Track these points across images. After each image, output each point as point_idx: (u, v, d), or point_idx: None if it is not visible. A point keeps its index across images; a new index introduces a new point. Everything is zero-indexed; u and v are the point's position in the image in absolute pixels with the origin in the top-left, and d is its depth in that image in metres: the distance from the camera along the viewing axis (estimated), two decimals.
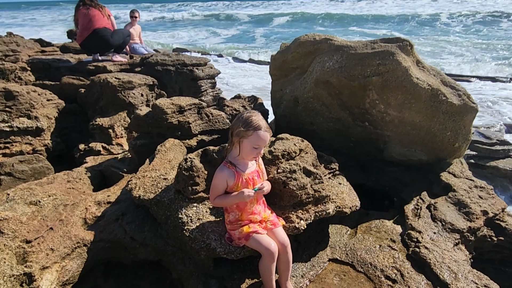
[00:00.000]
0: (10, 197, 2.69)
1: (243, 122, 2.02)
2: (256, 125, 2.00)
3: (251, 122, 2.00)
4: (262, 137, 2.02)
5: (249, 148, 2.04)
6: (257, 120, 2.02)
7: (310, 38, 3.40)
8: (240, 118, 2.05)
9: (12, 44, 7.53)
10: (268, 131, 2.05)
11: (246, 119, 2.02)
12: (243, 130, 2.00)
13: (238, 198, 2.06)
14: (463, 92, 3.04)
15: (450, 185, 3.03)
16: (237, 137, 2.04)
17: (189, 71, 5.63)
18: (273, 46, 19.20)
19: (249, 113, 2.05)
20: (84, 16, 5.58)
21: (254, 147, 2.03)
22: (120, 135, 4.37)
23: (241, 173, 2.10)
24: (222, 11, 37.21)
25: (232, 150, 2.12)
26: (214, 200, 2.12)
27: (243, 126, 2.01)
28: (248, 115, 2.04)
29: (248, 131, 2.00)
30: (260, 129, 2.00)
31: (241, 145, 2.06)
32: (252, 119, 2.01)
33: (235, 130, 2.04)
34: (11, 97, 4.16)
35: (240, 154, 2.09)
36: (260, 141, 2.03)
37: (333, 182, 2.72)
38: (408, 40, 3.02)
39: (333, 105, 3.30)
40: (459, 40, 18.23)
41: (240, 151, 2.08)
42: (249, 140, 2.02)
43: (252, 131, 2.00)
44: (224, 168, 2.10)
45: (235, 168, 2.10)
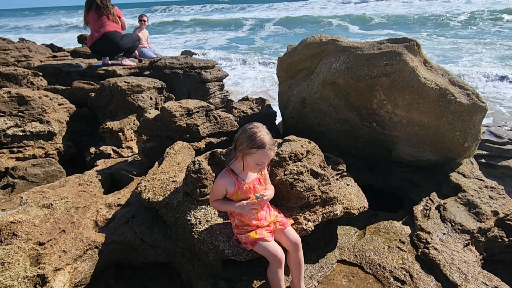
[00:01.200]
0: (24, 200, 2.75)
1: (247, 139, 1.97)
2: (260, 143, 1.96)
3: (255, 139, 1.96)
4: (265, 155, 1.99)
5: (252, 165, 2.04)
6: (261, 138, 1.97)
7: (316, 40, 3.41)
8: (245, 133, 2.00)
9: (24, 49, 7.70)
10: (272, 148, 2.01)
11: (250, 136, 1.97)
12: (247, 148, 1.98)
13: (237, 209, 2.09)
14: (472, 92, 3.01)
15: (459, 185, 3.01)
16: (241, 153, 2.02)
17: (197, 73, 5.67)
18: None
19: (253, 129, 2.00)
20: (95, 19, 5.67)
21: (258, 163, 2.03)
22: (130, 138, 4.43)
23: (241, 182, 2.10)
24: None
25: (235, 160, 2.12)
26: (213, 203, 2.18)
27: (247, 144, 1.97)
28: (252, 131, 1.99)
29: (251, 149, 1.97)
30: (264, 147, 1.96)
31: (244, 161, 2.04)
32: (257, 137, 1.96)
33: (239, 146, 2.01)
34: (23, 102, 4.25)
35: (244, 168, 2.08)
36: (264, 158, 2.01)
37: (340, 183, 2.72)
38: (415, 40, 3.00)
39: (340, 106, 3.30)
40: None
41: (244, 166, 2.07)
42: (252, 157, 2.00)
43: (256, 149, 1.97)
44: (225, 175, 2.11)
45: (236, 176, 2.10)
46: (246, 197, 2.11)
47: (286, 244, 2.14)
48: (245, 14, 41.67)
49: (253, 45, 21.54)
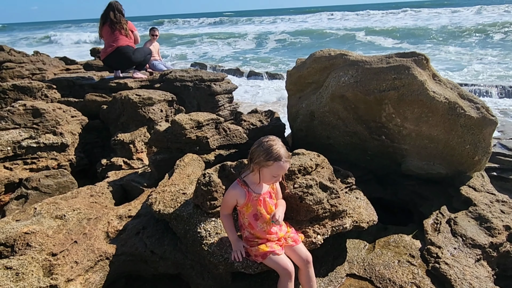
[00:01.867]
0: (37, 211, 2.81)
1: (263, 151, 2.02)
2: (276, 155, 2.01)
3: (271, 152, 2.01)
4: (281, 167, 2.04)
5: (268, 177, 2.09)
6: (277, 150, 2.02)
7: (325, 54, 3.45)
8: (261, 147, 2.05)
9: (38, 62, 7.90)
10: (288, 161, 2.07)
11: (267, 149, 2.02)
12: (264, 160, 2.02)
13: (231, 239, 2.19)
14: (481, 105, 3.01)
15: (470, 199, 2.98)
16: (257, 165, 2.06)
17: (206, 86, 5.76)
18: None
19: (270, 142, 2.05)
20: (108, 34, 5.83)
21: (274, 176, 2.08)
22: (141, 150, 4.49)
23: (252, 194, 2.12)
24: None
25: (249, 172, 2.14)
26: (222, 215, 2.23)
27: (264, 156, 2.02)
28: (269, 144, 2.04)
29: (268, 161, 2.02)
30: (281, 160, 2.02)
31: (260, 173, 2.08)
32: (273, 149, 2.02)
33: (256, 159, 2.05)
34: (38, 114, 4.36)
35: (260, 180, 2.12)
36: (280, 170, 2.06)
37: (350, 197, 2.72)
38: (424, 54, 3.03)
39: (349, 119, 3.32)
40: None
41: (260, 179, 2.10)
42: (269, 169, 2.04)
43: (273, 162, 2.01)
44: (237, 186, 2.14)
45: (248, 188, 2.13)
46: (256, 210, 2.13)
47: (297, 260, 2.15)
48: (252, 27, 42.18)
49: (260, 56, 21.74)
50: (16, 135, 4.14)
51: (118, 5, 5.89)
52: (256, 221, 2.13)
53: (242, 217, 2.18)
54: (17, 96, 5.31)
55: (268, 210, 2.14)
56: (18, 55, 8.46)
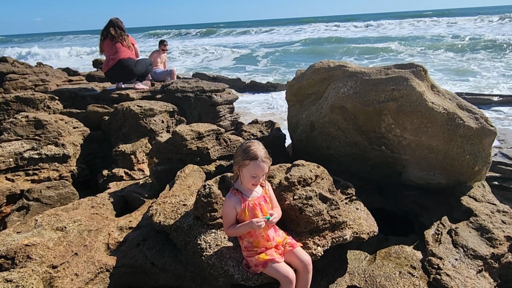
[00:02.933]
0: (38, 223, 2.82)
1: (241, 152, 2.11)
2: (253, 155, 2.07)
3: (248, 152, 2.08)
4: (258, 167, 2.08)
5: (247, 177, 2.12)
6: (254, 150, 2.08)
7: (324, 65, 3.49)
8: (240, 148, 2.15)
9: (41, 74, 7.99)
10: (265, 161, 2.10)
11: (245, 149, 2.10)
12: (241, 160, 2.09)
13: (248, 227, 2.11)
14: (480, 115, 3.02)
15: (471, 209, 2.98)
16: (237, 165, 2.13)
17: (207, 97, 5.80)
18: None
19: (248, 143, 2.14)
20: (110, 47, 5.92)
21: (252, 175, 2.11)
22: (142, 160, 4.51)
23: (246, 199, 2.16)
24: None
25: (237, 178, 2.21)
26: (227, 230, 2.19)
27: (241, 156, 2.09)
28: (247, 145, 2.12)
29: (245, 160, 2.08)
30: (257, 159, 2.06)
31: (240, 174, 2.15)
32: (250, 149, 2.08)
33: (235, 159, 2.14)
34: (40, 126, 4.39)
35: (242, 182, 2.17)
36: (257, 170, 2.09)
37: (350, 208, 2.72)
38: (422, 65, 3.06)
39: (349, 129, 3.34)
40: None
41: (241, 180, 2.16)
42: (247, 169, 2.10)
43: (249, 161, 2.07)
44: (231, 195, 2.17)
45: (241, 194, 2.16)
46: (253, 216, 2.14)
47: (297, 264, 2.15)
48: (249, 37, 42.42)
49: (258, 67, 21.80)
50: (18, 146, 4.16)
51: (118, 22, 6.01)
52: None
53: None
54: (20, 108, 5.36)
55: (264, 214, 2.17)
56: (22, 66, 8.56)
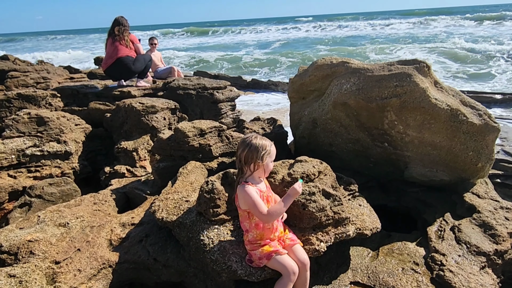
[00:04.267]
0: (41, 219, 2.82)
1: (261, 147, 2.14)
2: (268, 143, 2.19)
3: (264, 144, 2.17)
4: (274, 150, 2.25)
5: (270, 164, 2.24)
6: (265, 140, 2.19)
7: (327, 62, 3.48)
8: (255, 145, 2.14)
9: (43, 71, 7.97)
10: (271, 143, 2.25)
11: (260, 144, 2.15)
12: (265, 153, 2.15)
13: (292, 196, 2.16)
14: (483, 112, 3.01)
15: (474, 206, 2.97)
16: (261, 161, 2.15)
17: (209, 94, 5.79)
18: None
19: (254, 139, 2.17)
20: (110, 45, 5.94)
21: (272, 160, 2.25)
22: (144, 157, 4.51)
23: (262, 190, 2.20)
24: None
25: (246, 174, 2.20)
26: (268, 213, 2.08)
27: (263, 150, 2.14)
28: (257, 141, 2.15)
29: (267, 151, 2.16)
30: (271, 144, 2.22)
31: (265, 166, 2.19)
32: (263, 142, 2.17)
33: (258, 157, 2.14)
34: (42, 123, 4.39)
35: (265, 173, 2.26)
36: (274, 153, 2.25)
37: (353, 204, 2.72)
38: (425, 61, 3.05)
39: (351, 126, 3.33)
40: None
41: (265, 171, 2.23)
42: (270, 157, 2.20)
43: (269, 149, 2.18)
44: (246, 185, 2.15)
45: (255, 185, 2.18)
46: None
47: (295, 262, 2.15)
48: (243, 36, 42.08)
49: (256, 62, 21.56)
50: (20, 143, 4.16)
51: (123, 20, 6.05)
52: None
53: (251, 218, 2.18)
54: (21, 105, 5.36)
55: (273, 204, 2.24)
56: (23, 64, 8.55)
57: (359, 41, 30.05)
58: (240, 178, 2.22)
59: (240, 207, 2.19)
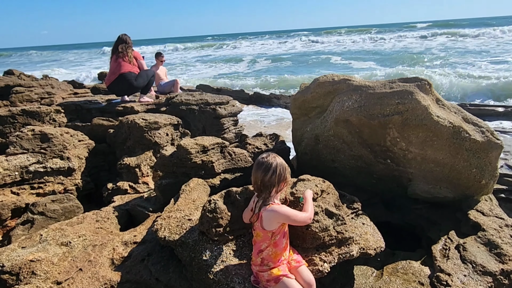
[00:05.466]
0: (43, 238, 2.82)
1: (283, 171, 2.16)
2: (286, 165, 2.21)
3: (286, 168, 2.18)
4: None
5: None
6: (280, 158, 2.21)
7: (329, 79, 3.50)
8: (276, 171, 2.14)
9: (47, 86, 8.07)
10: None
11: (284, 169, 2.17)
12: (288, 173, 2.21)
13: (310, 197, 2.32)
14: (486, 129, 3.01)
15: (479, 224, 2.94)
16: (285, 182, 2.19)
17: (212, 109, 5.82)
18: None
19: (274, 159, 2.17)
20: (114, 62, 6.02)
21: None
22: (146, 174, 4.51)
23: None
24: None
25: (269, 198, 2.19)
26: (308, 215, 2.19)
27: (287, 173, 2.19)
28: (280, 161, 2.18)
29: (287, 169, 2.21)
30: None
31: (286, 185, 2.27)
32: (284, 166, 2.18)
33: (282, 180, 2.16)
34: (46, 139, 4.41)
35: (284, 191, 2.37)
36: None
37: (356, 222, 2.70)
38: (427, 79, 3.06)
39: (353, 143, 3.33)
40: None
41: (285, 190, 2.37)
42: (289, 176, 2.25)
43: (288, 168, 2.23)
44: (275, 205, 2.16)
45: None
46: (287, 227, 2.26)
47: (301, 283, 2.14)
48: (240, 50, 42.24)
49: (255, 78, 21.50)
50: (24, 160, 4.18)
51: (126, 38, 6.15)
52: (283, 238, 2.18)
53: (272, 238, 2.14)
54: (25, 121, 5.40)
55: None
56: (28, 79, 8.66)
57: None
58: (263, 202, 2.17)
59: (265, 229, 2.14)
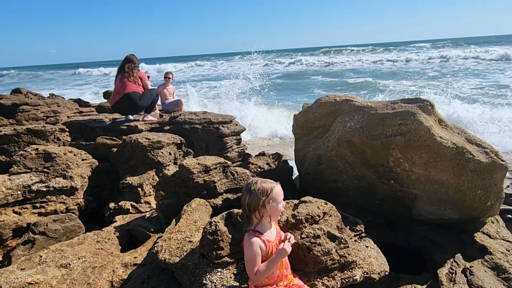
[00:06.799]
0: (43, 259, 2.79)
1: (260, 193, 2.09)
2: (270, 187, 2.12)
3: (265, 188, 2.11)
4: (280, 191, 2.16)
5: (277, 208, 2.15)
6: (267, 183, 2.14)
7: (331, 99, 3.51)
8: (254, 193, 2.10)
9: (53, 105, 8.18)
10: (277, 184, 2.19)
11: (260, 189, 2.10)
12: (266, 198, 2.08)
13: (280, 256, 2.07)
14: (490, 150, 2.98)
15: (485, 247, 2.88)
16: (263, 208, 2.09)
17: (215, 128, 5.84)
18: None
19: (255, 184, 2.13)
20: (119, 82, 6.11)
21: (280, 201, 2.16)
22: (149, 193, 4.50)
23: (270, 241, 2.11)
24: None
25: (253, 223, 2.14)
26: (256, 274, 2.04)
27: (263, 196, 2.09)
28: (258, 186, 2.11)
29: (268, 195, 2.10)
30: (274, 187, 2.14)
31: (270, 212, 2.12)
32: (264, 186, 2.12)
33: (258, 204, 2.08)
34: (49, 158, 4.43)
35: (271, 219, 2.18)
36: (281, 193, 2.17)
37: (359, 245, 2.65)
38: (429, 100, 3.06)
39: (356, 163, 3.31)
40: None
41: (271, 217, 2.16)
42: (274, 201, 2.12)
43: (271, 192, 2.11)
44: (253, 236, 2.10)
45: (263, 236, 2.11)
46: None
47: None
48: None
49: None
50: (27, 179, 4.19)
51: (133, 58, 6.27)
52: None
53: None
54: (30, 140, 5.44)
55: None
56: (35, 97, 8.78)
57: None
58: (248, 226, 2.16)
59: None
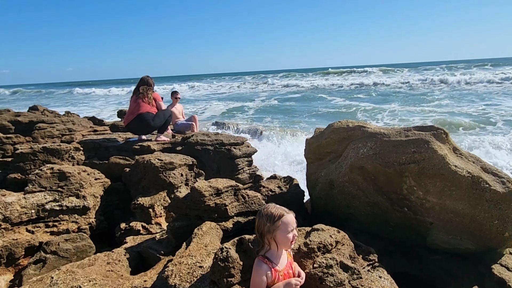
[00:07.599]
0: (54, 281, 2.80)
1: (266, 218, 2.09)
2: (278, 214, 2.08)
3: (272, 214, 2.09)
4: (289, 220, 2.09)
5: (285, 237, 2.09)
6: (276, 210, 2.10)
7: (343, 125, 3.52)
8: (262, 216, 2.11)
9: (68, 123, 8.37)
10: (290, 212, 2.13)
11: (267, 215, 2.09)
12: (271, 225, 2.07)
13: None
14: (507, 179, 2.93)
15: (504, 280, 2.79)
16: (269, 234, 2.08)
17: (226, 150, 5.87)
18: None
19: (266, 208, 2.13)
20: (133, 102, 6.24)
21: (289, 230, 2.09)
22: (160, 214, 4.51)
23: (277, 270, 2.09)
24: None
25: (265, 247, 2.14)
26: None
27: (269, 222, 2.08)
28: (267, 211, 2.11)
29: (275, 222, 2.07)
30: (283, 214, 2.09)
31: (276, 239, 2.09)
32: (272, 211, 2.09)
33: (264, 230, 2.09)
34: (63, 177, 4.50)
35: (279, 248, 2.12)
36: (290, 222, 2.10)
37: (372, 276, 2.59)
38: (443, 128, 3.05)
39: (369, 190, 3.28)
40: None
41: (278, 245, 2.11)
42: (280, 230, 2.08)
43: (279, 220, 2.07)
44: (262, 263, 2.10)
45: (272, 263, 2.10)
46: None
47: None
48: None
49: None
50: (41, 198, 4.25)
51: (148, 80, 6.42)
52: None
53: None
54: (46, 158, 5.54)
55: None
56: (51, 115, 9.01)
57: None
58: (260, 250, 2.16)
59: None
